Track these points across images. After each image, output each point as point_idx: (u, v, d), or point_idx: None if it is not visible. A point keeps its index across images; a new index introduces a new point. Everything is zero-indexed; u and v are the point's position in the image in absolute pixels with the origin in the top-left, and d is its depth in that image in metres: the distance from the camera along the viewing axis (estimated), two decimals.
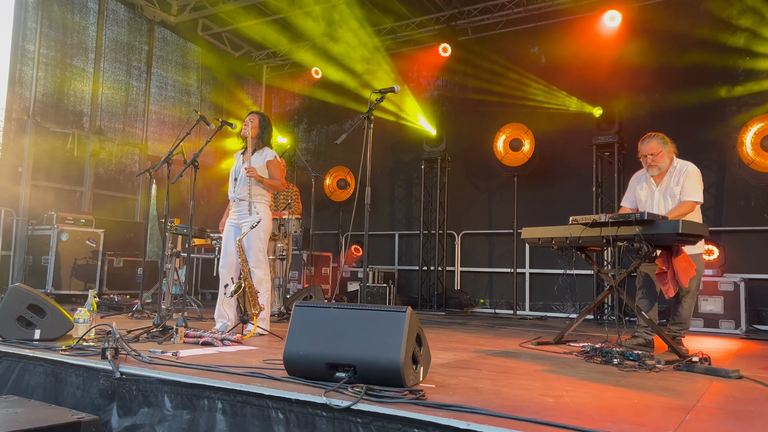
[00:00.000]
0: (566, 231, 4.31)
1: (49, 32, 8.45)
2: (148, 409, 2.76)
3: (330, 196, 10.26)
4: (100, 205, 9.02)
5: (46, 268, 7.64)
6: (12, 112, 8.07)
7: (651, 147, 4.58)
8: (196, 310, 6.47)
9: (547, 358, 3.89)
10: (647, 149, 4.60)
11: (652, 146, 4.57)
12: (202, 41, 10.84)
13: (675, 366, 3.50)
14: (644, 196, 4.70)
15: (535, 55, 9.26)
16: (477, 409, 2.17)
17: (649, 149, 4.58)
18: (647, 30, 8.23)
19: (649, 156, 4.58)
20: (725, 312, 6.53)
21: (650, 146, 4.58)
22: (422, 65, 10.25)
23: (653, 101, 8.14)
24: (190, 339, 3.98)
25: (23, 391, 3.19)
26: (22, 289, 3.84)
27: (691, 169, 4.54)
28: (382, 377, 2.46)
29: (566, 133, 8.65)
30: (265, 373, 2.75)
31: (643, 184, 4.73)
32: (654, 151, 4.56)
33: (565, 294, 7.93)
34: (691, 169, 4.54)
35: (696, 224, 3.95)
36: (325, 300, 7.39)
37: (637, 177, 4.83)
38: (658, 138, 4.60)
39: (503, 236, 9.08)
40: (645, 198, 4.69)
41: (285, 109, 12.01)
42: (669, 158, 4.59)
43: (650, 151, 4.57)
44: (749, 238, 7.41)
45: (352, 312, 2.66)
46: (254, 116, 4.99)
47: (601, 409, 2.32)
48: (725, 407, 2.53)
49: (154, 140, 9.97)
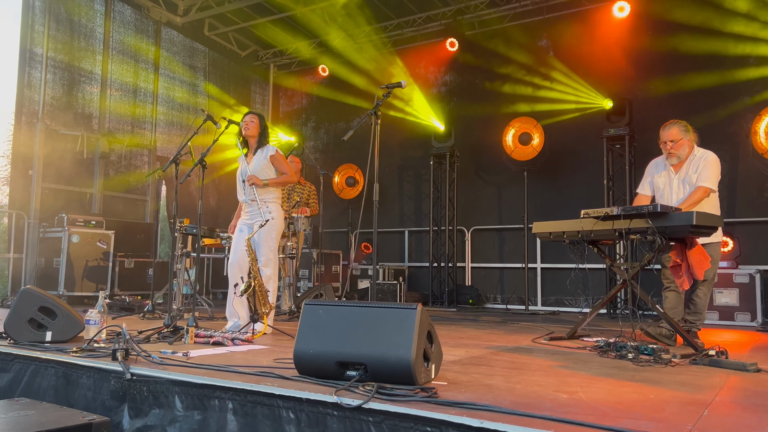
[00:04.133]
0: (578, 225, 4.26)
1: (56, 35, 8.48)
2: (158, 410, 2.75)
3: (339, 194, 10.25)
4: (110, 207, 9.06)
5: (57, 270, 7.68)
6: (21, 115, 8.11)
7: (671, 134, 4.47)
8: (207, 310, 6.47)
9: (561, 353, 3.85)
10: (667, 135, 4.50)
11: (673, 133, 4.47)
12: (208, 41, 10.85)
13: (691, 360, 3.45)
14: (662, 183, 4.61)
15: (543, 48, 9.19)
16: (490, 406, 2.13)
17: (669, 136, 4.48)
18: (657, 20, 8.13)
19: (669, 143, 4.48)
20: (741, 304, 6.45)
21: (670, 132, 4.48)
22: (429, 60, 10.20)
23: (664, 92, 8.04)
24: (200, 339, 3.97)
25: (35, 393, 3.20)
26: (33, 291, 3.85)
27: (711, 157, 4.45)
28: (393, 375, 2.43)
29: (576, 126, 8.57)
30: (276, 372, 2.73)
31: (662, 171, 4.64)
32: (674, 137, 4.46)
33: (578, 288, 7.88)
34: (711, 157, 4.45)
35: (710, 216, 3.89)
36: (335, 298, 7.38)
37: (655, 163, 4.74)
38: (680, 125, 4.49)
39: (514, 231, 9.03)
40: (663, 185, 4.60)
41: (293, 107, 12.01)
42: (689, 147, 4.49)
43: (670, 138, 4.47)
44: (764, 229, 7.31)
45: (362, 310, 2.64)
46: (254, 116, 5.01)
47: (617, 405, 2.28)
48: (744, 401, 2.48)
49: (162, 141, 9.99)
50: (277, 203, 4.91)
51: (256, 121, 4.97)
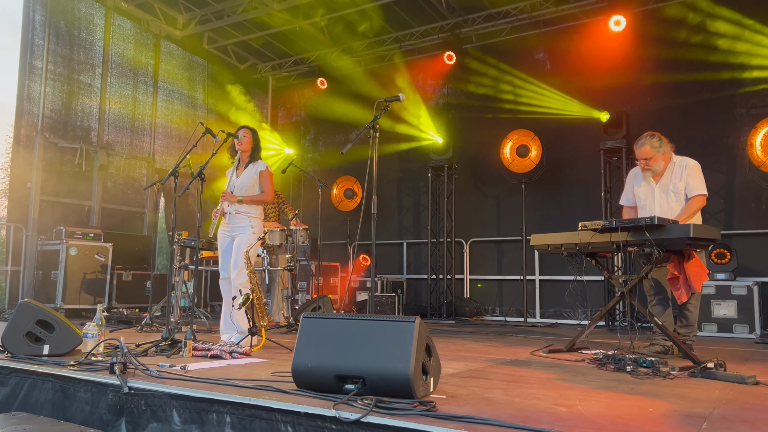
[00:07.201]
0: (576, 237, 4.27)
1: (56, 48, 8.52)
2: (156, 424, 2.74)
3: (337, 206, 10.26)
4: (109, 219, 9.05)
5: (55, 282, 7.66)
6: (21, 128, 8.12)
7: (644, 152, 4.53)
8: (204, 323, 6.45)
9: (559, 366, 3.84)
10: (640, 154, 4.56)
11: (645, 151, 4.52)
12: (207, 54, 10.90)
13: (689, 372, 3.45)
14: (643, 194, 4.66)
15: (540, 61, 9.25)
16: (489, 420, 2.13)
17: (642, 154, 4.54)
18: (653, 34, 8.19)
19: (642, 161, 4.56)
20: (739, 316, 6.45)
21: (643, 151, 4.53)
22: (428, 74, 10.26)
23: (661, 105, 8.09)
24: (198, 352, 3.97)
25: (32, 408, 3.18)
26: (31, 304, 3.84)
27: (692, 164, 4.49)
28: (391, 389, 2.43)
29: (573, 139, 8.62)
30: (274, 386, 2.72)
31: (641, 182, 4.69)
32: (647, 155, 4.52)
33: (576, 301, 7.87)
34: (692, 164, 4.49)
35: (707, 228, 3.90)
36: (333, 310, 7.36)
37: (634, 174, 4.79)
38: (652, 141, 4.51)
39: (512, 243, 9.04)
40: (644, 196, 4.65)
41: (291, 119, 12.05)
42: (664, 159, 4.54)
43: (643, 156, 4.54)
44: (761, 241, 7.32)
45: (361, 323, 2.64)
46: (248, 131, 5.05)
47: (615, 418, 2.28)
48: (743, 415, 2.48)
49: (161, 153, 10.01)
50: (259, 218, 4.96)
51: (249, 136, 5.02)
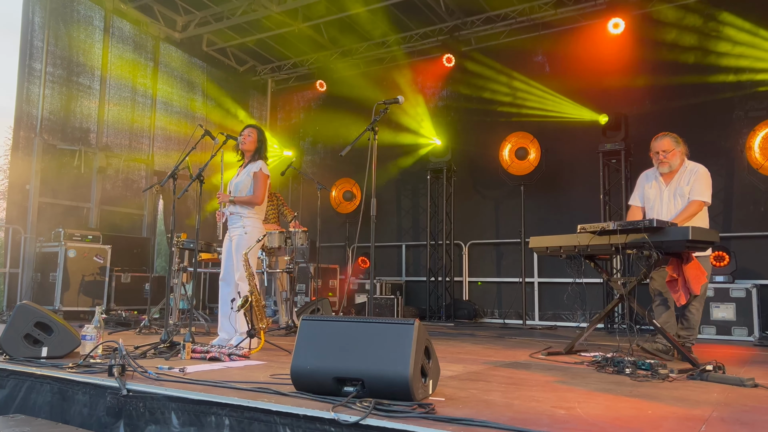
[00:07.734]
0: (574, 239, 4.28)
1: (55, 50, 8.52)
2: (155, 427, 2.73)
3: (336, 208, 10.26)
4: (108, 221, 9.04)
5: (54, 284, 7.65)
6: (20, 129, 8.12)
7: (664, 144, 4.57)
8: (203, 325, 6.44)
9: (558, 368, 3.84)
10: (660, 146, 4.59)
11: (666, 143, 4.57)
12: (206, 57, 10.90)
13: (688, 375, 3.45)
14: (653, 195, 4.68)
15: (539, 63, 9.26)
16: (488, 422, 2.13)
17: (662, 146, 4.58)
18: (651, 37, 8.21)
19: (662, 153, 4.58)
20: (738, 319, 6.45)
21: (663, 143, 4.58)
22: (426, 76, 10.26)
23: (659, 107, 8.10)
24: (197, 354, 3.96)
25: (30, 410, 3.18)
26: (29, 306, 3.83)
27: (702, 170, 4.53)
28: (390, 391, 2.43)
29: (572, 141, 8.62)
30: (273, 388, 2.72)
31: (652, 182, 4.72)
32: (667, 148, 4.56)
33: (575, 303, 7.87)
34: (702, 170, 4.53)
35: (706, 230, 3.91)
36: (332, 313, 7.35)
37: (646, 175, 4.82)
38: (672, 137, 4.61)
39: (511, 246, 9.04)
40: (654, 197, 4.67)
41: (290, 122, 12.05)
42: (680, 158, 4.59)
43: (663, 148, 4.57)
44: (760, 244, 7.33)
45: (360, 325, 2.64)
46: (253, 130, 5.01)
47: (614, 420, 2.28)
48: (741, 417, 2.48)
49: (160, 155, 10.00)
50: (254, 218, 4.87)
51: (253, 135, 4.97)
